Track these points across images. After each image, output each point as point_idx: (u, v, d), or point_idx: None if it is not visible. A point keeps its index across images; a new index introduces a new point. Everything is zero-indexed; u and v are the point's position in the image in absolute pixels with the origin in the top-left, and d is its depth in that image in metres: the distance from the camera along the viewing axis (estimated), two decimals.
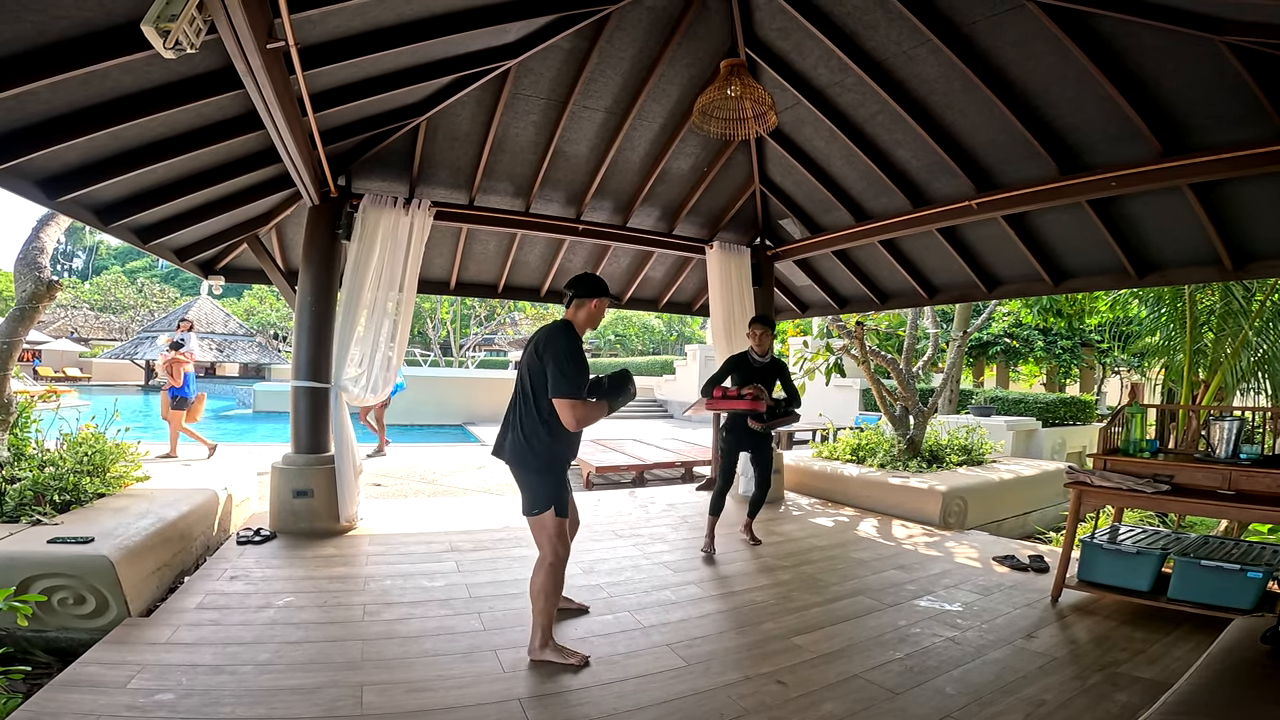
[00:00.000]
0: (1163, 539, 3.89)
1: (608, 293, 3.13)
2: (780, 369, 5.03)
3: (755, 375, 4.91)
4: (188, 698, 2.49)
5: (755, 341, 4.98)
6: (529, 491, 2.97)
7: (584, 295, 3.06)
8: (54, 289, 4.60)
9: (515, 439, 2.95)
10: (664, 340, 37.81)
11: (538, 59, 4.51)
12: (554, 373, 2.81)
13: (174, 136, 3.67)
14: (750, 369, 4.96)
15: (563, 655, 2.95)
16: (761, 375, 4.93)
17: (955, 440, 7.93)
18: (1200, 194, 4.09)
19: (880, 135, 5.01)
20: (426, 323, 30.49)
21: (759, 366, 4.96)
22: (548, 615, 2.97)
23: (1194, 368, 7.05)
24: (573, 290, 3.08)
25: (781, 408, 4.89)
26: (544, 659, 2.93)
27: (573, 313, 3.07)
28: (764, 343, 4.99)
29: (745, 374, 4.94)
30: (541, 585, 2.94)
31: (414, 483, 8.07)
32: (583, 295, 3.06)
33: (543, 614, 2.96)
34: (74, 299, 38.42)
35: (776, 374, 5.02)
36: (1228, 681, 1.83)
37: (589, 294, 3.06)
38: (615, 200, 6.13)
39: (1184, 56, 3.40)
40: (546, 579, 2.93)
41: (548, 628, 2.98)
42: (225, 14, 2.23)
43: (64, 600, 3.05)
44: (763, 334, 4.97)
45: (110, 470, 4.34)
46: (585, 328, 3.06)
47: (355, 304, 4.94)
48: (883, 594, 4.00)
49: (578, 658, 2.95)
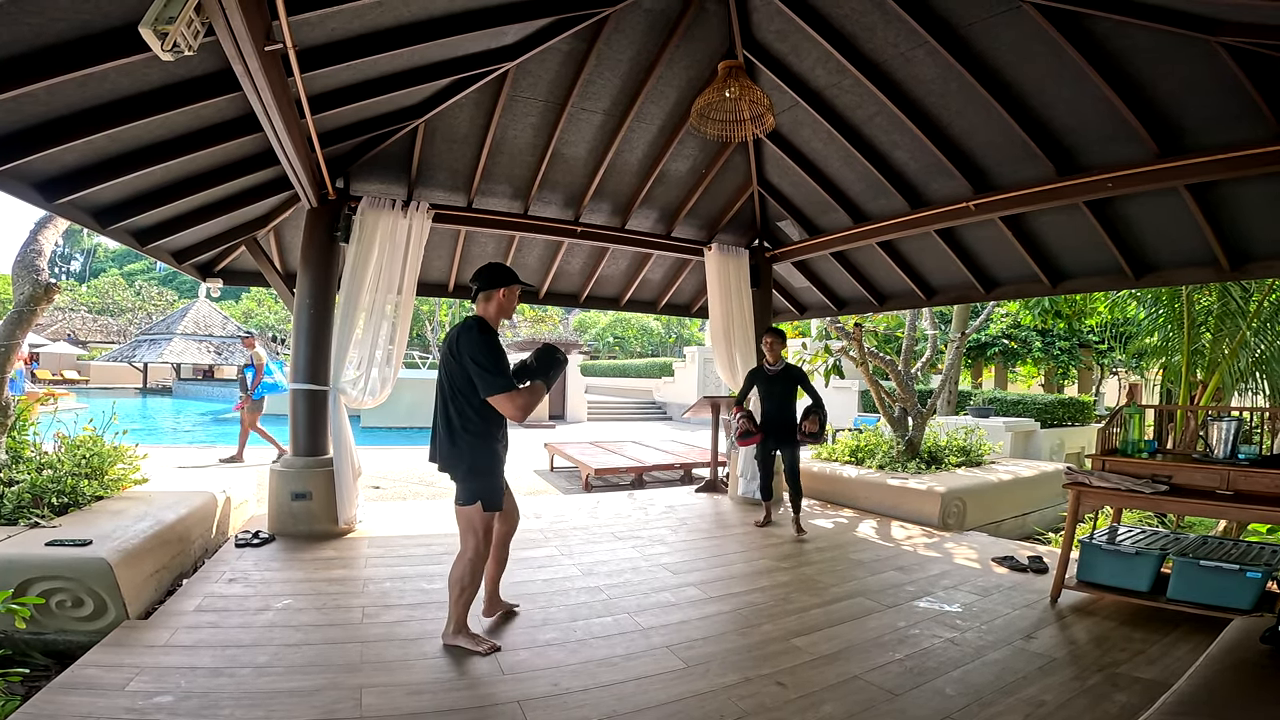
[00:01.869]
0: (1161, 539, 3.89)
1: (513, 280, 3.06)
2: (796, 376, 5.38)
3: (770, 385, 5.39)
4: (186, 700, 2.48)
5: (767, 350, 5.38)
6: (460, 485, 3.00)
7: (488, 286, 3.01)
8: (52, 292, 4.59)
9: (443, 442, 2.97)
10: (663, 342, 37.80)
11: (536, 61, 4.52)
12: (476, 373, 2.81)
13: (172, 139, 3.66)
14: (764, 379, 5.44)
15: (475, 642, 3.04)
16: (775, 384, 5.36)
17: (954, 441, 7.93)
18: (1197, 195, 4.10)
19: (878, 137, 5.02)
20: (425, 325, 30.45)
21: (772, 375, 5.40)
22: (462, 606, 3.06)
23: (1192, 368, 7.05)
24: (476, 283, 3.02)
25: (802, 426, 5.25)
26: (455, 644, 3.04)
27: (482, 306, 3.03)
28: (774, 352, 5.36)
29: (762, 385, 5.48)
30: (459, 577, 3.02)
31: (413, 485, 8.06)
32: (486, 287, 3.01)
33: (457, 604, 3.05)
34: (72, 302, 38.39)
35: (793, 382, 5.38)
36: (1227, 682, 1.83)
37: (492, 284, 3.01)
38: (614, 202, 6.14)
39: (1180, 57, 3.42)
40: (465, 571, 3.01)
41: (461, 616, 3.07)
42: (223, 16, 2.23)
43: (62, 603, 3.04)
44: (771, 343, 5.37)
45: (108, 473, 4.33)
46: (497, 319, 3.03)
47: (354, 306, 4.94)
48: (882, 595, 4.00)
49: (487, 645, 3.03)
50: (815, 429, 5.20)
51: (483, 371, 2.80)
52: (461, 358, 2.85)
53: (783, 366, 5.40)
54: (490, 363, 2.80)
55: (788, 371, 5.39)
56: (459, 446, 2.93)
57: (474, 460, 2.95)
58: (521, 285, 3.12)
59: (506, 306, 3.05)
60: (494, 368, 2.80)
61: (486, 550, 3.07)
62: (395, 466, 9.27)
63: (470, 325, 2.91)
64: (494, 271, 3.04)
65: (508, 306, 3.05)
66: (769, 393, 5.45)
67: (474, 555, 2.99)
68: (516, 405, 2.82)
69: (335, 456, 4.93)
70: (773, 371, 5.40)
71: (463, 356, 2.84)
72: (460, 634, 3.05)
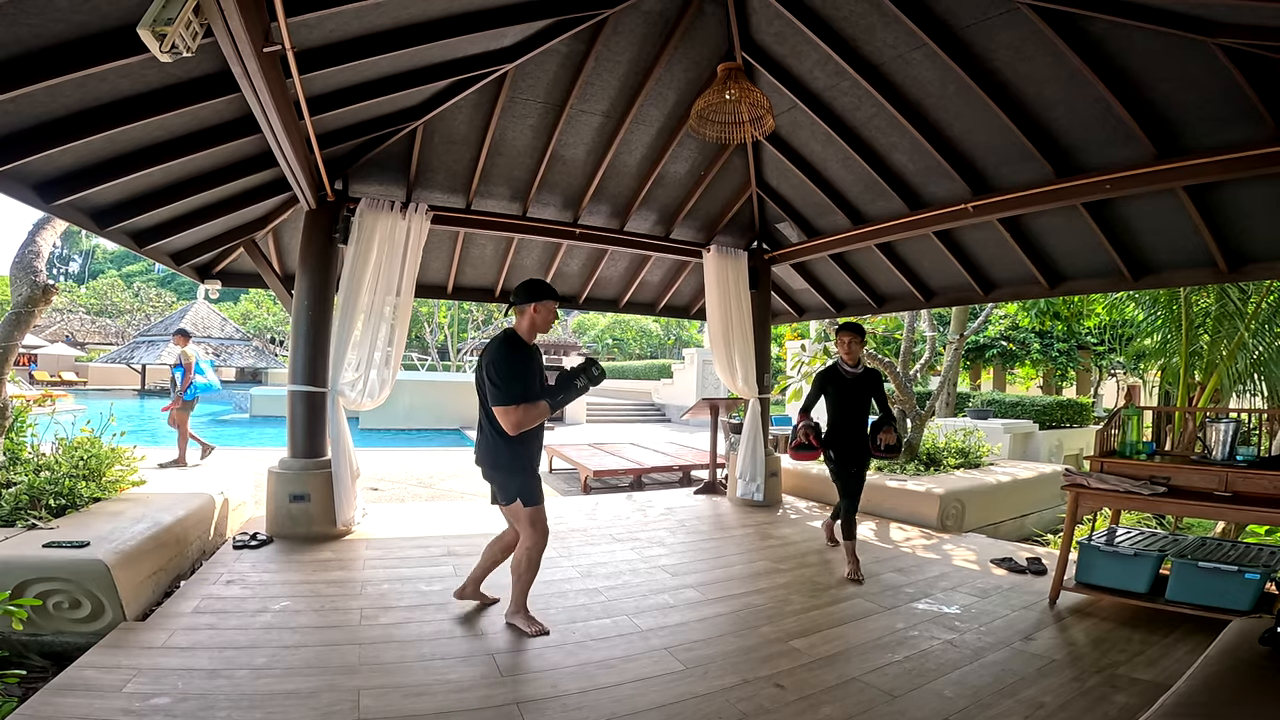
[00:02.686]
0: (1160, 541, 3.90)
1: (547, 296, 3.19)
2: (875, 382, 4.56)
3: (849, 390, 4.49)
4: (184, 702, 2.48)
5: (845, 351, 4.52)
6: (497, 486, 3.25)
7: (521, 301, 3.16)
8: (50, 293, 4.60)
9: (483, 444, 3.20)
10: (661, 344, 37.80)
11: (535, 63, 4.52)
12: (489, 386, 3.01)
13: (170, 140, 3.66)
14: (843, 383, 4.51)
15: (528, 623, 3.31)
16: (854, 390, 4.50)
17: (952, 443, 7.93)
18: (1194, 196, 4.11)
19: (876, 139, 5.03)
20: (424, 327, 30.46)
21: (851, 379, 4.51)
22: (520, 589, 3.33)
23: (1190, 370, 7.07)
24: (513, 298, 3.19)
25: (878, 440, 4.48)
26: (512, 622, 3.33)
27: (516, 320, 3.21)
28: (853, 352, 4.50)
29: (836, 390, 4.52)
30: (515, 564, 3.30)
31: (411, 487, 8.05)
32: (520, 302, 3.16)
33: (515, 587, 3.33)
34: (70, 303, 38.31)
35: (871, 389, 4.54)
36: (1226, 683, 1.83)
37: (525, 300, 3.16)
38: (612, 204, 6.14)
39: (1177, 59, 3.42)
40: (521, 560, 3.26)
41: (520, 598, 3.34)
42: (222, 18, 2.23)
43: (59, 604, 3.03)
44: (851, 342, 4.49)
45: (106, 475, 4.32)
46: (531, 333, 3.18)
47: (352, 308, 4.93)
48: (880, 597, 4.00)
49: (537, 628, 3.29)
50: (893, 441, 4.43)
51: (493, 385, 2.99)
52: (485, 368, 3.04)
53: (862, 369, 4.54)
54: (501, 377, 2.97)
55: (868, 376, 4.54)
56: (492, 449, 3.15)
57: (508, 461, 3.16)
58: (554, 300, 3.22)
59: (539, 322, 3.18)
60: (503, 382, 2.97)
61: (542, 540, 3.25)
62: (394, 468, 9.27)
63: (499, 338, 3.11)
64: (529, 287, 3.18)
65: (540, 322, 3.18)
66: (844, 400, 4.50)
67: (530, 545, 3.23)
68: (510, 420, 2.98)
69: (333, 458, 4.92)
70: (851, 375, 4.51)
71: (487, 369, 3.03)
72: (518, 614, 3.34)
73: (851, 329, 4.55)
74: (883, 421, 4.49)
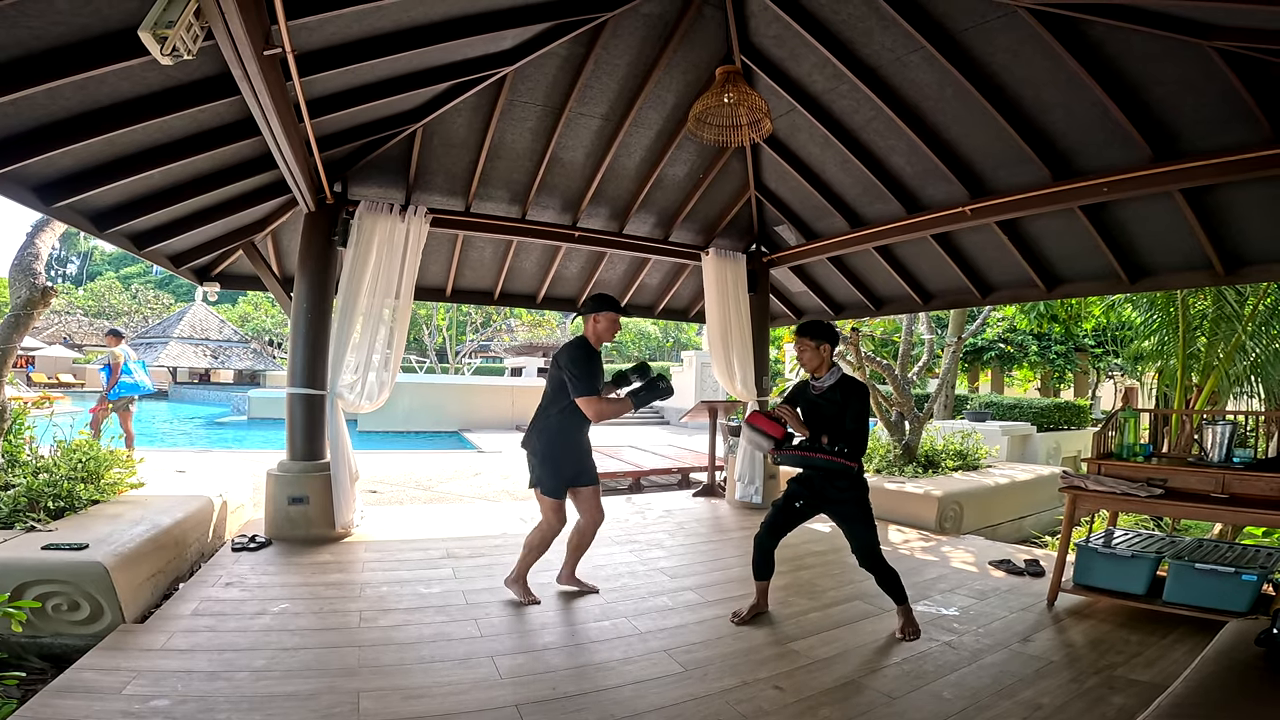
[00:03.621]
0: (1157, 542, 3.91)
1: (609, 308, 3.64)
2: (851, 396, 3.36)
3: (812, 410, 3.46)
4: (183, 704, 2.47)
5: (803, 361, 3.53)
6: (532, 472, 3.64)
7: (588, 311, 3.65)
8: (48, 295, 4.59)
9: (533, 430, 3.62)
10: (660, 347, 37.81)
11: (534, 66, 4.53)
12: (568, 379, 3.43)
13: (170, 142, 3.67)
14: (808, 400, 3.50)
15: (523, 593, 3.73)
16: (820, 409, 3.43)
17: (950, 445, 7.95)
18: (1191, 199, 4.12)
19: (874, 142, 5.04)
20: (423, 329, 30.44)
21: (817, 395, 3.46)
22: (524, 563, 3.76)
23: (1187, 372, 7.08)
24: (583, 308, 3.71)
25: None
26: (510, 589, 3.76)
27: (585, 327, 3.67)
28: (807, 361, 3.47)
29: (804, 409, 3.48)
30: (528, 539, 3.74)
31: (410, 489, 8.05)
32: (588, 311, 3.66)
33: (523, 560, 3.76)
34: (68, 305, 38.23)
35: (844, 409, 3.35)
36: (1223, 684, 1.84)
37: (592, 310, 3.64)
38: (611, 207, 6.15)
39: (1174, 62, 3.44)
40: (534, 537, 3.71)
41: (521, 570, 3.77)
42: (222, 20, 2.24)
43: (58, 606, 3.03)
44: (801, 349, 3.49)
45: (104, 477, 4.31)
46: (599, 339, 3.62)
47: (351, 311, 4.94)
48: (879, 599, 3.98)
49: (530, 598, 3.71)
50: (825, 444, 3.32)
51: (573, 379, 3.41)
52: (560, 366, 3.47)
53: (836, 380, 3.39)
54: (582, 372, 3.41)
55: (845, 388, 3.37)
56: (535, 437, 3.59)
57: (542, 450, 3.56)
58: (612, 311, 3.65)
59: (601, 330, 3.62)
60: (584, 376, 3.41)
61: (552, 526, 3.65)
62: (393, 471, 9.25)
63: (573, 342, 3.57)
64: (596, 300, 3.66)
65: (603, 330, 3.62)
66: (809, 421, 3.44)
67: (544, 528, 3.66)
68: (596, 410, 3.43)
69: (332, 461, 4.92)
70: (818, 389, 3.44)
71: (561, 365, 3.47)
72: (516, 583, 3.76)
73: (802, 331, 3.47)
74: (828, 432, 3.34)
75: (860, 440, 3.33)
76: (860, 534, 3.37)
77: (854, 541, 3.41)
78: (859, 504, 3.37)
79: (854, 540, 3.41)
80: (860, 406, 3.35)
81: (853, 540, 3.41)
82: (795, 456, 3.39)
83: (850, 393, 3.37)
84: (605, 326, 3.60)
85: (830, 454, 3.29)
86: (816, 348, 3.44)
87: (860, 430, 3.33)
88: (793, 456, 3.39)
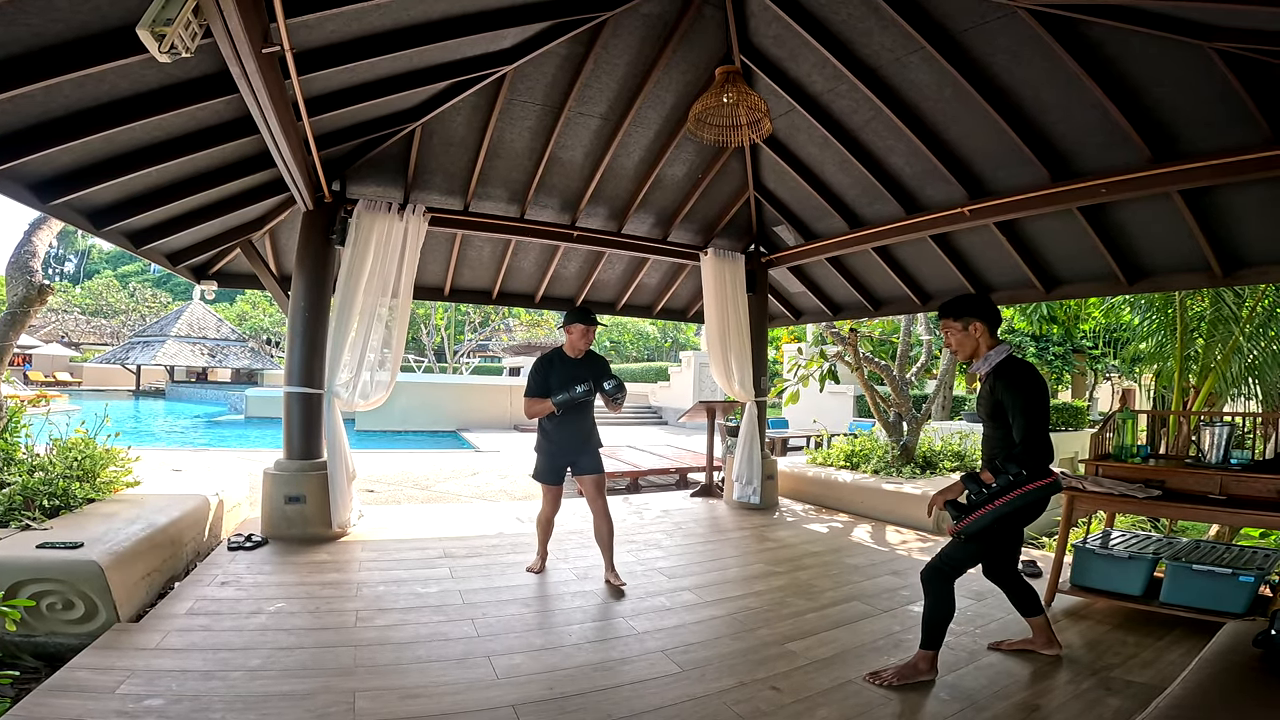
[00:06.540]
0: (1154, 544, 3.91)
1: (577, 320, 4.05)
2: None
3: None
4: (177, 703, 2.47)
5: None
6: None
7: (564, 324, 4.14)
8: (45, 293, 4.59)
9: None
10: (659, 347, 37.82)
11: (533, 65, 4.53)
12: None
13: (168, 140, 3.66)
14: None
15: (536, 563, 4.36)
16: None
17: (949, 446, 7.95)
18: (1190, 200, 4.12)
19: (874, 142, 5.04)
20: (421, 329, 30.41)
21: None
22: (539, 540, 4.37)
23: (1185, 373, 7.09)
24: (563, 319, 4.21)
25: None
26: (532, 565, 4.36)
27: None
28: (955, 344, 2.99)
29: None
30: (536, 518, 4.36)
31: (407, 489, 8.04)
32: (563, 324, 4.15)
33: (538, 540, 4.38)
34: (65, 303, 38.17)
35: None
36: (1220, 685, 1.84)
37: (565, 322, 4.12)
38: (610, 206, 6.14)
39: (1173, 63, 3.43)
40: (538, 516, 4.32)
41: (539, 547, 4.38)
42: (221, 18, 2.23)
43: (53, 605, 3.02)
44: (945, 333, 3.05)
45: (100, 475, 4.30)
46: (573, 348, 4.09)
47: (349, 310, 4.93)
48: (877, 599, 4.00)
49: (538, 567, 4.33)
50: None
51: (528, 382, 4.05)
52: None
53: (993, 364, 2.86)
54: (530, 378, 4.03)
55: (1000, 379, 2.80)
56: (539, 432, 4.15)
57: (539, 442, 4.14)
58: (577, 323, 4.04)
59: (573, 340, 4.06)
60: (530, 379, 4.02)
61: (544, 510, 4.24)
62: (390, 470, 9.24)
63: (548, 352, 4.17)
64: (568, 313, 4.13)
65: (575, 340, 4.06)
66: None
67: (543, 509, 4.26)
68: (525, 408, 4.09)
69: (329, 460, 4.91)
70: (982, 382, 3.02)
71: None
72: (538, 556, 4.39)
73: (943, 311, 2.99)
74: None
75: (1032, 453, 2.63)
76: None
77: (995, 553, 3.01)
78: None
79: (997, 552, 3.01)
80: (1024, 403, 2.65)
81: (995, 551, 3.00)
82: (977, 519, 2.71)
83: (1005, 388, 2.72)
84: (576, 336, 4.05)
85: (1004, 492, 2.65)
86: (964, 328, 2.83)
87: (1029, 440, 2.62)
88: (976, 520, 2.71)
